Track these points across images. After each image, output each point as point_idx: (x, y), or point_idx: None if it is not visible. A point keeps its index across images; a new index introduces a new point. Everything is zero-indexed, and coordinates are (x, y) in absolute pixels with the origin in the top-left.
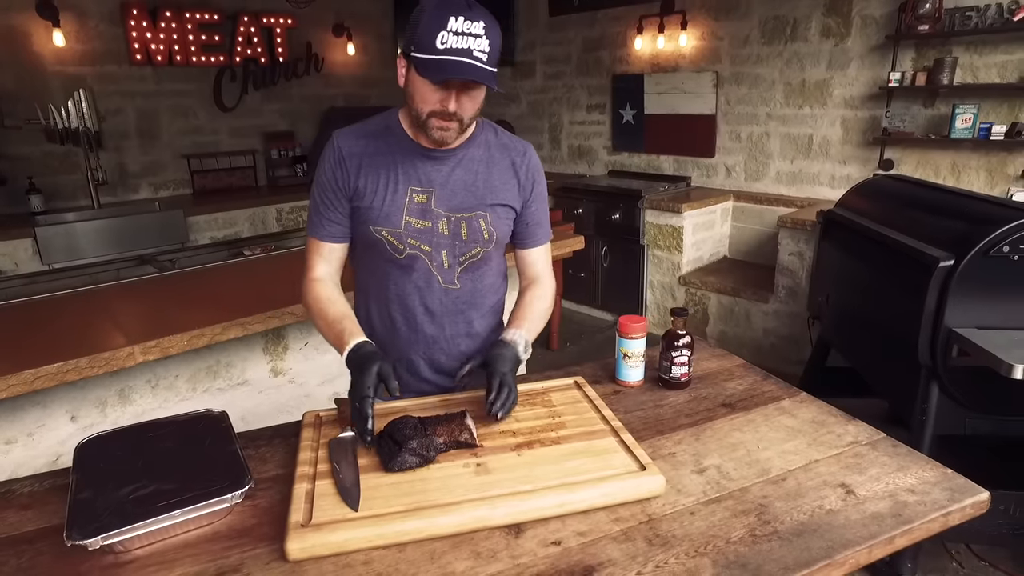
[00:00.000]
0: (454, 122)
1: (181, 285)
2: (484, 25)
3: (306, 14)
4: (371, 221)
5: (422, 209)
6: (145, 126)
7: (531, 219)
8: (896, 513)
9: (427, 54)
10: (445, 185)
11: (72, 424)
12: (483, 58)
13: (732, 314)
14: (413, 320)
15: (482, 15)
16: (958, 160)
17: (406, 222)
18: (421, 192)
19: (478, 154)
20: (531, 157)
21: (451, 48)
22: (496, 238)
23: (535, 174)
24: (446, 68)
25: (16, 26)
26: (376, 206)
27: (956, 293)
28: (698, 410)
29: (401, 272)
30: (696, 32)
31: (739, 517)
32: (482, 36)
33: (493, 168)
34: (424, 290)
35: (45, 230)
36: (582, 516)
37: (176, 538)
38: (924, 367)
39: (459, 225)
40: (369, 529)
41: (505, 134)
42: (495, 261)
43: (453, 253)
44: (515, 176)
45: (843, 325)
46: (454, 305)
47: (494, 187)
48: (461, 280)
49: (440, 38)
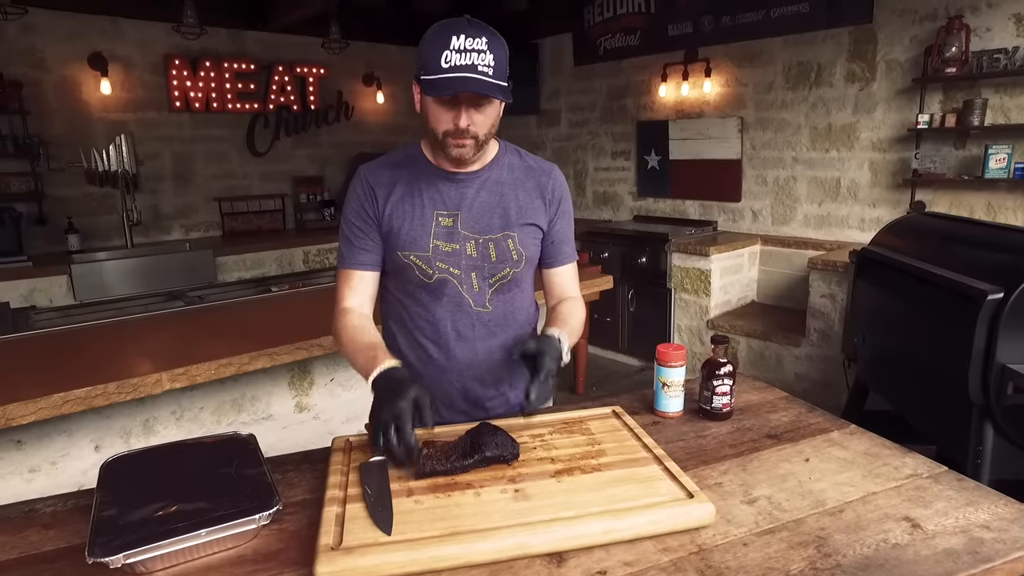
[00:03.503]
0: (468, 139)
1: (209, 318)
2: (487, 40)
3: (338, 64)
4: (399, 247)
5: (449, 232)
6: (180, 170)
7: (557, 237)
8: (972, 550)
9: (434, 74)
10: (471, 208)
11: (96, 454)
12: (488, 72)
13: (762, 358)
14: (446, 345)
15: (484, 31)
16: (993, 200)
17: (434, 245)
18: (447, 215)
19: (503, 176)
20: (556, 177)
21: (455, 65)
22: (525, 258)
23: (561, 192)
24: (451, 84)
25: (68, 76)
26: (404, 231)
27: (1008, 327)
28: (742, 441)
29: (431, 297)
30: (720, 79)
31: (796, 549)
32: (485, 51)
33: (518, 190)
34: (456, 314)
35: (80, 267)
36: (627, 545)
37: (200, 560)
38: (976, 406)
39: (487, 247)
40: (403, 554)
41: (530, 156)
42: (526, 283)
43: (483, 275)
44: (541, 196)
45: (882, 366)
46: (486, 329)
47: (521, 208)
48: (493, 303)
49: (444, 57)
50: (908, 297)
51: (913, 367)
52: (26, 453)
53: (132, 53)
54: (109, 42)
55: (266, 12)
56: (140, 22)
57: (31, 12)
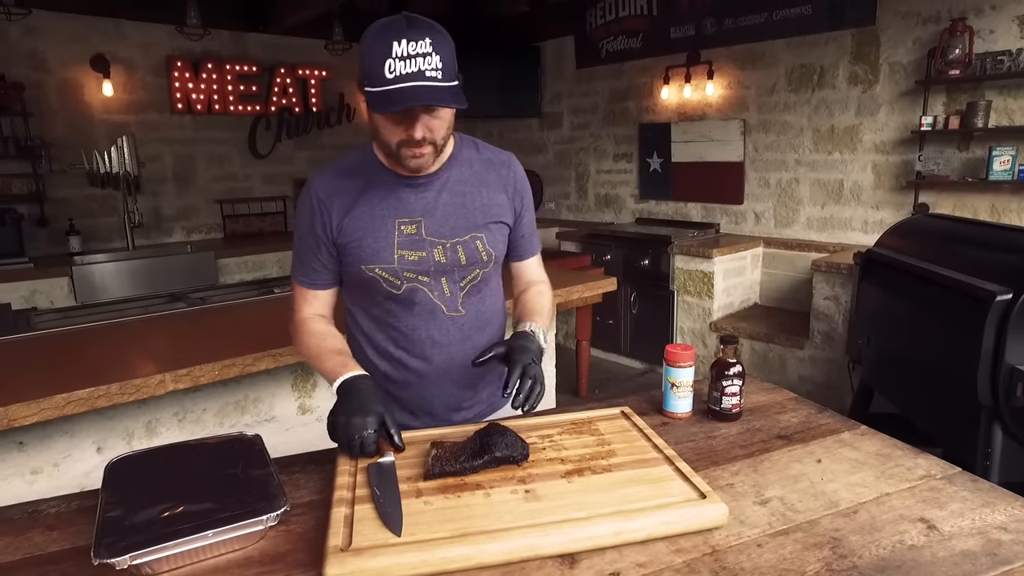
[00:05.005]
0: (426, 147)
1: (212, 319)
2: (430, 40)
3: (340, 66)
4: (362, 260)
5: (413, 240)
6: (182, 172)
7: (526, 230)
8: (990, 552)
9: (379, 86)
10: (433, 212)
11: (98, 456)
12: (437, 75)
13: (766, 361)
14: (421, 354)
15: (426, 30)
16: (997, 202)
17: (399, 255)
18: (409, 223)
19: (463, 174)
20: (516, 168)
21: (401, 74)
22: (495, 257)
23: (523, 184)
24: (399, 98)
25: (71, 79)
26: (366, 244)
27: (1017, 328)
28: (752, 441)
29: (402, 307)
30: (722, 81)
31: (811, 550)
32: (431, 53)
33: (481, 186)
34: (429, 322)
35: (81, 269)
36: (640, 546)
37: (206, 562)
38: (985, 408)
39: (455, 250)
40: (413, 555)
41: (486, 147)
42: (495, 280)
43: (453, 279)
44: (504, 190)
45: (888, 368)
46: (461, 332)
47: (485, 205)
48: (465, 306)
49: (388, 66)
50: (914, 298)
51: (919, 369)
52: (28, 455)
53: (134, 55)
54: (111, 44)
55: (268, 14)
56: (142, 24)
57: (34, 14)
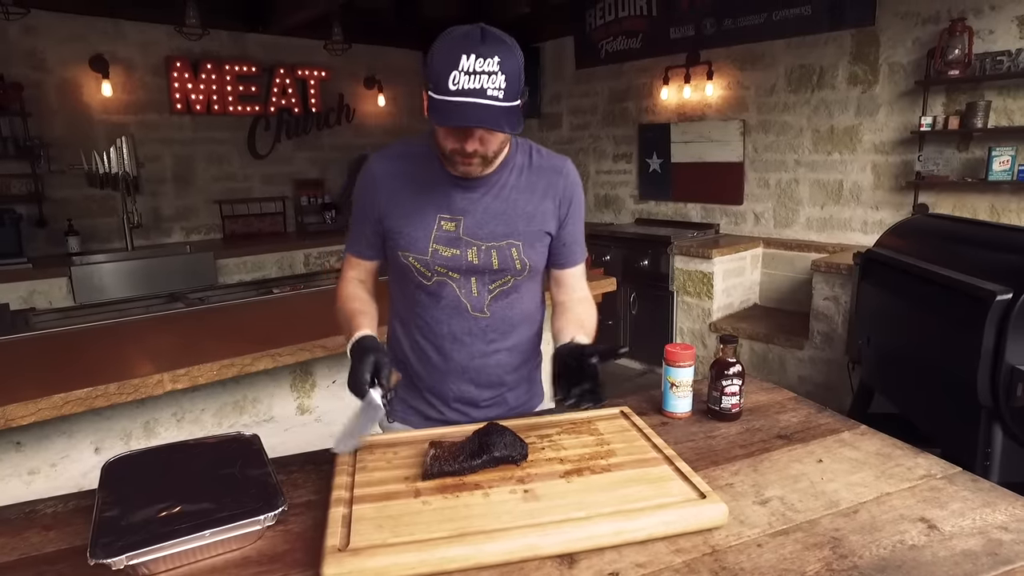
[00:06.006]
0: (476, 158)
1: (211, 319)
2: (499, 60)
3: (339, 67)
4: (399, 246)
5: (450, 237)
6: (181, 172)
7: (568, 239)
8: (991, 552)
9: (441, 95)
10: (474, 213)
11: (96, 456)
12: (499, 95)
13: (765, 361)
14: (442, 348)
15: (497, 48)
16: (997, 203)
17: (433, 249)
18: (450, 220)
19: (511, 180)
20: (569, 173)
21: (463, 89)
22: (529, 267)
23: (573, 191)
24: (454, 114)
25: (70, 79)
26: (405, 231)
27: (1017, 328)
28: (752, 441)
29: (430, 298)
30: (722, 82)
31: (811, 550)
32: (497, 72)
33: (528, 193)
34: (453, 318)
35: (80, 270)
36: (639, 547)
37: (203, 562)
38: (985, 408)
39: (490, 254)
40: (411, 555)
41: (543, 154)
42: (528, 289)
43: (483, 281)
44: (552, 198)
45: (888, 368)
46: (483, 334)
47: (528, 214)
48: (491, 308)
49: (452, 78)
50: (914, 298)
51: (919, 369)
52: (25, 455)
53: (133, 55)
54: (110, 44)
55: (267, 14)
56: (141, 24)
57: (32, 14)
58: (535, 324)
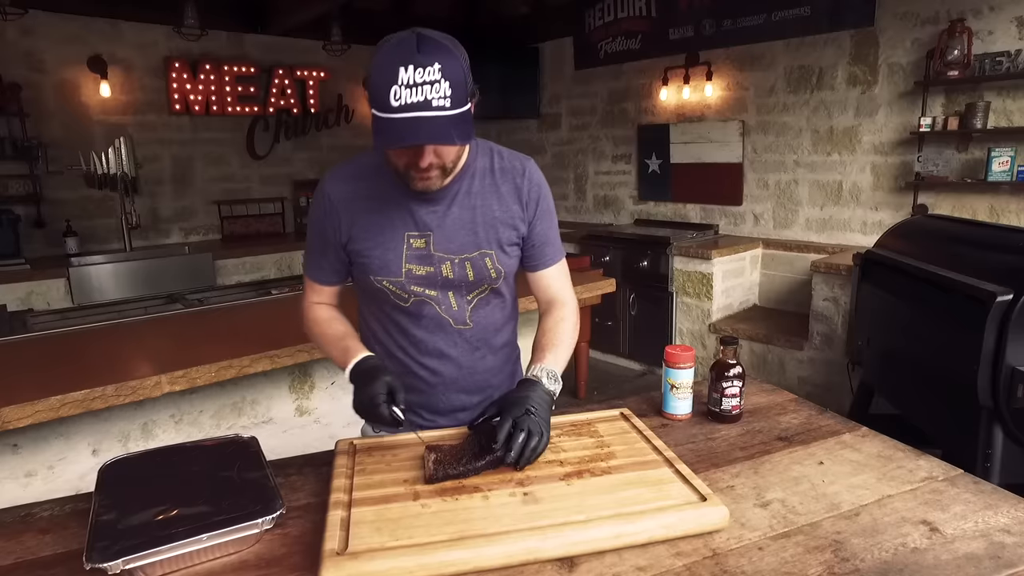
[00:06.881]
0: (433, 171)
1: (209, 320)
2: (439, 66)
3: (338, 67)
4: (370, 272)
5: (422, 255)
6: (179, 173)
7: (537, 239)
8: (994, 555)
9: (384, 112)
10: (442, 226)
11: (93, 458)
12: (445, 104)
13: (765, 362)
14: (428, 365)
15: (435, 55)
16: (996, 204)
17: (406, 269)
18: (419, 236)
19: (475, 186)
20: (531, 173)
21: (406, 104)
22: (504, 273)
23: (538, 191)
24: (401, 132)
25: (68, 79)
26: (374, 255)
27: (1017, 329)
28: (753, 443)
29: (410, 319)
30: (721, 82)
31: (813, 553)
32: (439, 80)
33: (492, 199)
34: (436, 334)
35: (78, 271)
36: (640, 550)
37: (201, 566)
38: (985, 409)
39: (464, 266)
40: (410, 558)
41: (504, 155)
42: (504, 292)
43: (461, 294)
44: (518, 200)
45: (888, 369)
46: (469, 344)
47: (496, 220)
48: (473, 318)
49: (393, 94)
50: (914, 299)
51: (920, 370)
52: (22, 457)
53: (132, 56)
54: (109, 45)
55: (266, 15)
56: (140, 25)
57: (31, 14)
58: (514, 319)
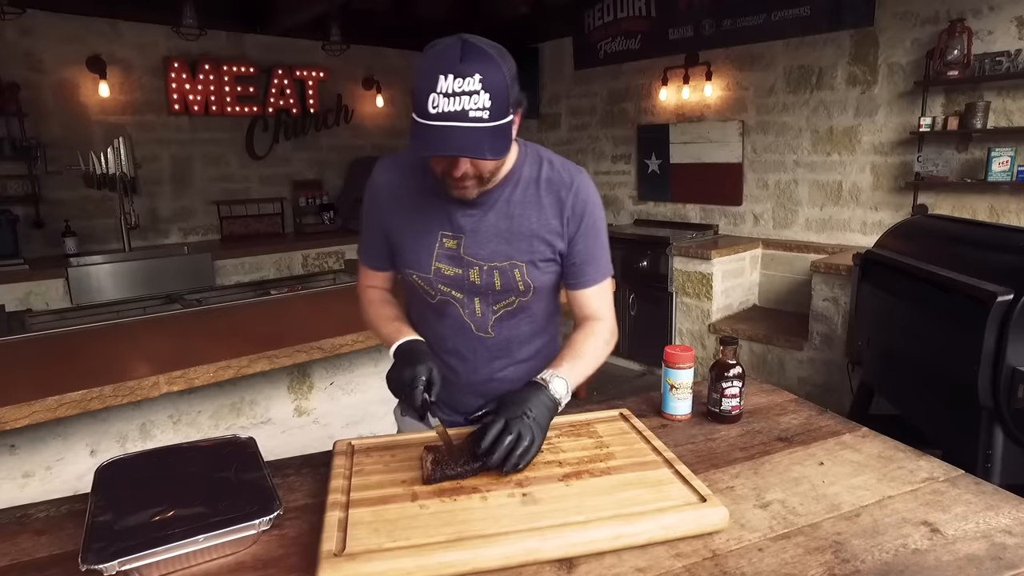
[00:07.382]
0: (468, 180)
1: (208, 321)
2: (480, 77)
3: (338, 68)
4: (403, 263)
5: (452, 256)
6: (179, 173)
7: (578, 258)
8: (995, 556)
9: (421, 118)
10: (476, 231)
11: (91, 459)
12: (483, 115)
13: (765, 363)
14: (448, 363)
15: (477, 65)
16: (996, 203)
17: (435, 267)
18: (452, 237)
19: (516, 195)
20: (579, 188)
21: (443, 112)
22: (534, 288)
23: (583, 207)
24: (433, 141)
25: (67, 79)
26: (408, 249)
27: (1018, 329)
28: (753, 444)
29: (435, 315)
30: (721, 82)
31: (813, 555)
32: (479, 92)
33: (532, 211)
34: (457, 335)
35: (76, 271)
36: (639, 551)
37: (197, 567)
38: (986, 409)
39: (492, 275)
40: (408, 560)
41: (554, 165)
42: (535, 309)
43: (487, 302)
44: (559, 215)
45: (888, 369)
46: (488, 352)
47: (532, 233)
48: (495, 328)
49: (431, 101)
50: (915, 300)
51: (920, 370)
52: (20, 458)
53: (131, 56)
54: (108, 45)
55: (265, 15)
56: (139, 25)
57: (29, 14)
58: (546, 334)
